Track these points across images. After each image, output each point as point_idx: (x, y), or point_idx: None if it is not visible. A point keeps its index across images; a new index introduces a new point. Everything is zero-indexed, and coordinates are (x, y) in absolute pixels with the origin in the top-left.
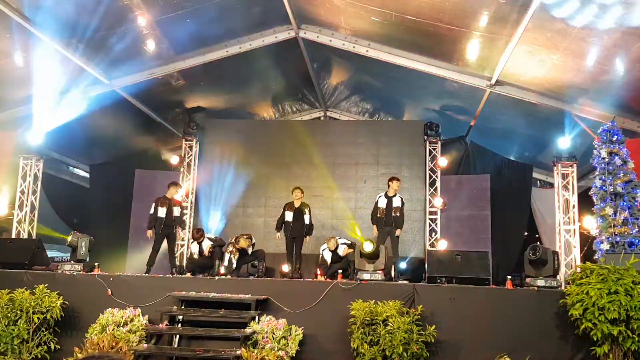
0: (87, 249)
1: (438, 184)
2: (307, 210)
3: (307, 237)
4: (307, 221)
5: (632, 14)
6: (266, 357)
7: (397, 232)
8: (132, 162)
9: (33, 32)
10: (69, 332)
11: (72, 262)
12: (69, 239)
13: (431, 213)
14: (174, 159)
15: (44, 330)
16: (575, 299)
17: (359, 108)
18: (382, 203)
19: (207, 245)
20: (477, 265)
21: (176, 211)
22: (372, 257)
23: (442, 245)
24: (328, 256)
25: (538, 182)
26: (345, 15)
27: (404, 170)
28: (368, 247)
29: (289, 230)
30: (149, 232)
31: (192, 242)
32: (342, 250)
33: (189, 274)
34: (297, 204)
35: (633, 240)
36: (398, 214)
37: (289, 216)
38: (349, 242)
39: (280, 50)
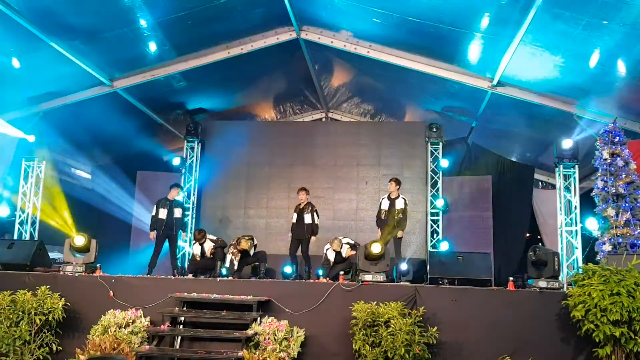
0: (97, 251)
1: (440, 185)
2: (309, 210)
3: (312, 237)
4: (307, 221)
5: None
6: (268, 359)
7: (399, 233)
8: (134, 163)
9: (35, 33)
10: (71, 333)
11: (73, 263)
12: (78, 240)
13: (433, 214)
14: (175, 161)
15: (46, 331)
16: (577, 301)
17: (361, 109)
18: (385, 205)
19: (208, 246)
20: (479, 267)
21: (177, 213)
22: (377, 258)
23: (444, 246)
24: (332, 256)
25: (540, 183)
26: (346, 16)
27: (406, 172)
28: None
29: (293, 232)
30: (152, 234)
31: (194, 243)
32: (345, 252)
33: (190, 275)
34: (301, 206)
35: (635, 241)
36: (401, 216)
37: (294, 218)
38: (352, 242)
39: (281, 52)
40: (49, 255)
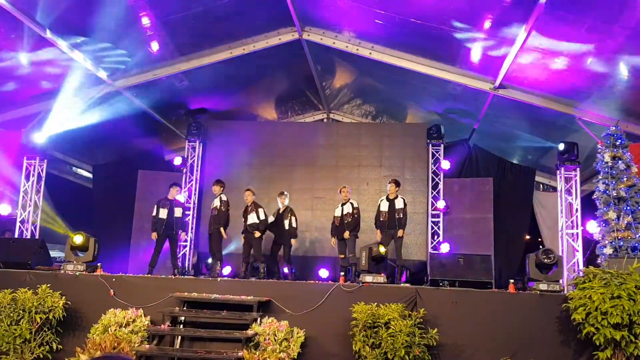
0: (98, 250)
1: (441, 186)
2: (288, 216)
3: (293, 240)
4: (286, 227)
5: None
6: (268, 359)
7: (399, 232)
8: (135, 162)
9: (38, 32)
10: (71, 332)
11: (74, 262)
12: (76, 239)
13: (434, 216)
14: (177, 160)
15: (46, 330)
16: (578, 303)
17: (362, 110)
18: (385, 206)
19: (220, 201)
20: (480, 269)
21: (178, 212)
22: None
23: (445, 248)
24: (338, 212)
25: (541, 185)
26: (348, 18)
27: (407, 173)
28: None
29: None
30: (154, 234)
31: (216, 198)
32: (349, 208)
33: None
34: (280, 210)
35: (636, 244)
36: (401, 216)
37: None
38: (355, 204)
39: (283, 52)
40: (49, 253)
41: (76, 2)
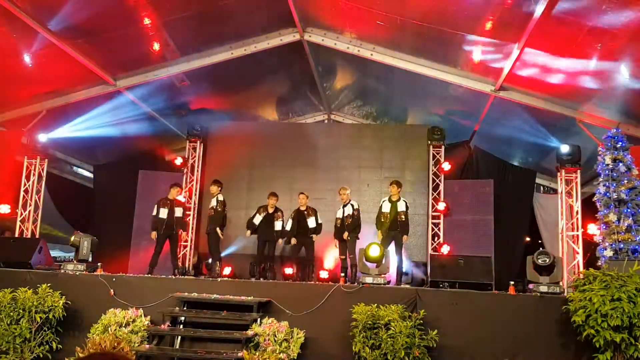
0: (89, 249)
1: (441, 188)
2: (279, 216)
3: (280, 240)
4: (277, 227)
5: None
6: None
7: (404, 238)
8: (136, 162)
9: (39, 32)
10: (71, 331)
11: (75, 261)
12: (72, 238)
13: (434, 217)
14: (177, 160)
15: (46, 329)
16: (578, 306)
17: (363, 112)
18: (386, 208)
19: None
20: (480, 271)
21: (178, 212)
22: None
23: (445, 249)
24: (340, 213)
25: (541, 187)
26: (350, 19)
27: (407, 174)
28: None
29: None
30: (153, 234)
31: (213, 198)
32: (349, 210)
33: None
34: (270, 210)
35: (636, 247)
36: (403, 218)
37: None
38: (356, 205)
39: (285, 53)
40: (50, 253)
41: (78, 2)
